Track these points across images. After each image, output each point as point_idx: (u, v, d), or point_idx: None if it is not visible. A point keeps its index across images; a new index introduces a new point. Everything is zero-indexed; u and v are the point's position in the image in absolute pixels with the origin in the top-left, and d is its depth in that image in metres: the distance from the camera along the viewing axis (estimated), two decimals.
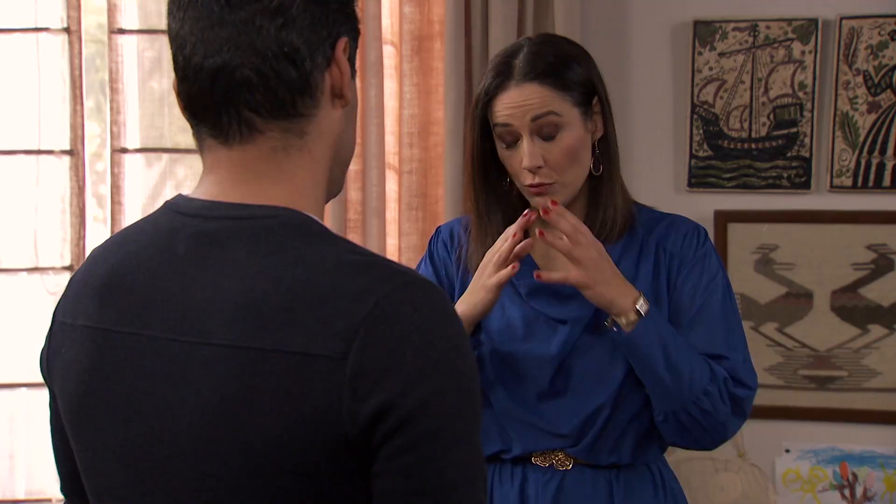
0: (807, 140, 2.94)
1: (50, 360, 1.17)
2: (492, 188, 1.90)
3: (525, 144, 1.80)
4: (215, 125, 1.10)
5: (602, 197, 1.86)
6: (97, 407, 1.09)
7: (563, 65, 1.82)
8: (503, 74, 1.83)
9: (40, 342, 1.21)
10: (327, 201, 1.18)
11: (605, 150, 1.86)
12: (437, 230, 2.04)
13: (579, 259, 1.75)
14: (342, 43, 1.12)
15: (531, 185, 1.82)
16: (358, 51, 1.21)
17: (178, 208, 1.13)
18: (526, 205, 1.89)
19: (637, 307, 1.75)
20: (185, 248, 1.08)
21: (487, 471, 1.86)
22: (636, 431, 1.84)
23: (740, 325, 1.87)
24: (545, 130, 1.80)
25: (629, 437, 1.84)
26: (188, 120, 1.14)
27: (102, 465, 1.10)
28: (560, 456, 1.85)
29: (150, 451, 1.06)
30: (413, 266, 2.67)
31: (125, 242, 1.14)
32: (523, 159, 1.80)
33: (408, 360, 0.98)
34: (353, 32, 1.15)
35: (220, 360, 1.01)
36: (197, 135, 1.14)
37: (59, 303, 1.19)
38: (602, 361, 1.82)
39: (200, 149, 1.14)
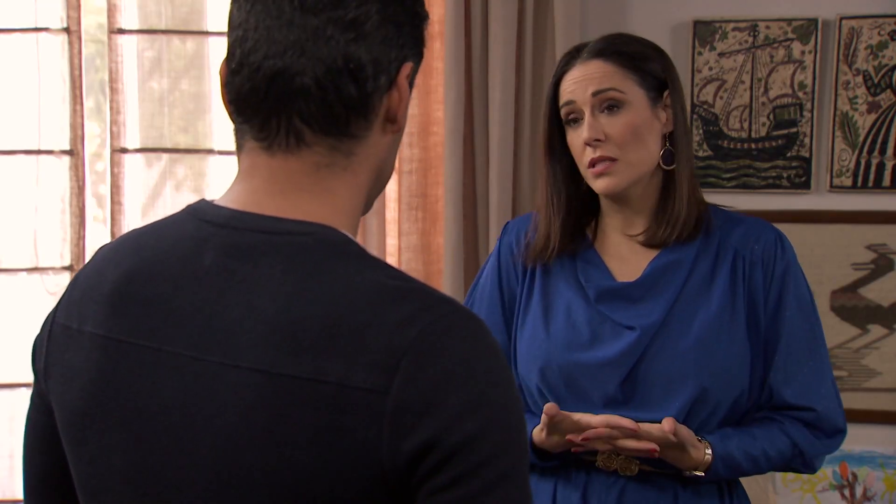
0: (807, 140, 2.94)
1: (48, 363, 1.11)
2: (560, 178, 1.87)
3: (586, 118, 1.79)
4: (262, 128, 1.05)
5: (671, 192, 1.83)
6: (104, 421, 1.03)
7: (633, 51, 1.82)
8: (571, 55, 1.84)
9: None
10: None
11: (675, 146, 1.84)
12: (506, 228, 2.00)
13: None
14: (407, 68, 1.07)
15: (591, 163, 1.79)
16: None
17: (203, 216, 1.06)
18: (592, 200, 1.88)
19: (704, 460, 1.75)
20: (212, 260, 1.02)
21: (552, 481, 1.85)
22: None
23: (826, 353, 1.85)
24: (607, 105, 1.79)
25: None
26: (231, 115, 1.08)
27: (107, 483, 1.04)
28: (625, 461, 1.79)
29: (164, 473, 1.00)
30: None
31: (141, 247, 1.07)
32: (584, 132, 1.78)
33: (452, 395, 0.94)
34: (419, 57, 1.10)
35: (249, 385, 0.96)
36: (238, 133, 1.08)
37: (60, 303, 1.13)
38: (672, 371, 1.77)
39: (239, 148, 1.08)
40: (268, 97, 1.03)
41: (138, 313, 1.03)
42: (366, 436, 0.93)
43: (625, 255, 1.86)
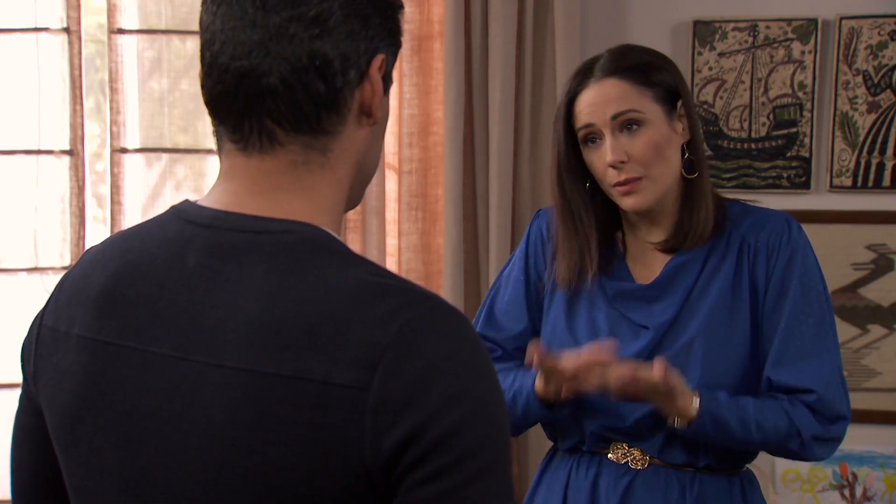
0: (806, 140, 2.94)
1: (37, 366, 1.10)
2: (584, 196, 1.87)
3: (607, 141, 1.79)
4: (235, 130, 1.05)
5: (695, 201, 1.84)
6: (94, 423, 1.03)
7: (643, 63, 1.83)
8: (583, 74, 1.84)
9: None
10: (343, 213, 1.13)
11: (694, 154, 1.85)
12: (537, 214, 2.01)
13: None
14: (378, 60, 1.06)
15: (618, 184, 1.80)
16: None
17: (187, 216, 1.06)
18: (609, 210, 1.88)
19: (692, 408, 1.74)
20: (196, 260, 1.02)
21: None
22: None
23: (833, 341, 1.82)
24: (626, 125, 1.79)
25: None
26: (210, 117, 1.08)
27: (98, 484, 1.04)
28: (636, 454, 1.83)
29: (153, 473, 1.00)
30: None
31: (127, 250, 1.07)
32: (607, 155, 1.79)
33: (433, 390, 0.94)
34: (394, 48, 1.09)
35: (233, 383, 0.96)
36: (217, 135, 1.08)
37: (46, 306, 1.13)
38: (679, 364, 1.78)
39: (219, 150, 1.08)
40: (237, 99, 1.03)
41: (125, 315, 1.04)
42: (348, 433, 0.93)
43: (647, 260, 1.89)
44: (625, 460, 1.83)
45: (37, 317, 1.14)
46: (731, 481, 1.84)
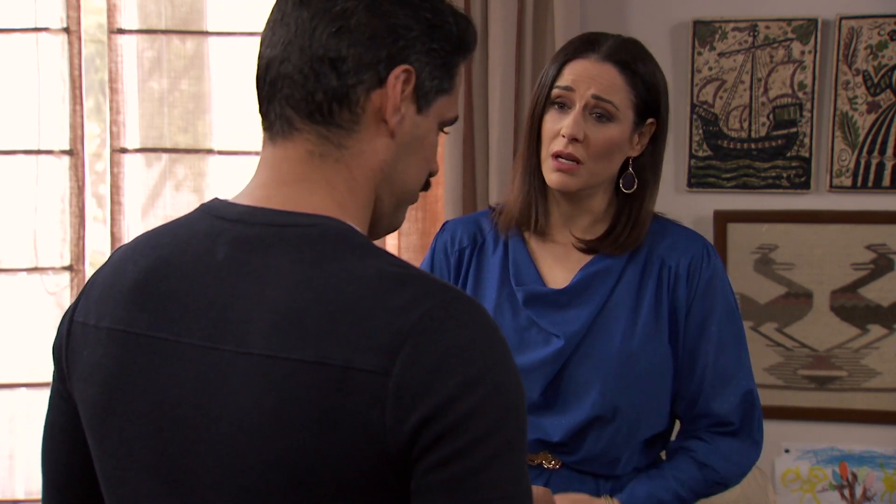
0: (806, 140, 2.94)
1: (70, 361, 1.14)
2: (536, 153, 1.88)
3: (575, 113, 1.80)
4: (266, 118, 1.13)
5: (631, 217, 1.86)
6: (125, 413, 1.07)
7: (643, 66, 1.84)
8: (589, 44, 1.84)
9: (40, 343, 1.18)
10: (381, 233, 1.16)
11: (642, 172, 1.86)
12: (443, 227, 2.01)
13: None
14: (398, 70, 1.09)
15: (558, 154, 1.80)
16: None
17: (216, 212, 1.11)
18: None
19: None
20: (225, 254, 1.06)
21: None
22: (630, 445, 1.83)
23: (749, 364, 1.87)
24: (597, 113, 1.80)
25: (624, 450, 1.83)
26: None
27: (128, 474, 1.08)
28: (548, 455, 1.84)
29: (183, 461, 1.03)
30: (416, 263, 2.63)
31: (157, 245, 1.12)
32: (566, 125, 1.80)
33: (450, 376, 0.97)
34: (430, 67, 1.11)
35: (259, 370, 1.00)
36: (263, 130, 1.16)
37: (77, 303, 1.16)
38: (593, 378, 1.81)
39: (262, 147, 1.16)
40: (264, 85, 1.12)
41: (157, 308, 1.07)
42: (369, 417, 0.96)
43: (559, 255, 1.89)
44: (538, 462, 1.84)
45: (66, 315, 1.17)
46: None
